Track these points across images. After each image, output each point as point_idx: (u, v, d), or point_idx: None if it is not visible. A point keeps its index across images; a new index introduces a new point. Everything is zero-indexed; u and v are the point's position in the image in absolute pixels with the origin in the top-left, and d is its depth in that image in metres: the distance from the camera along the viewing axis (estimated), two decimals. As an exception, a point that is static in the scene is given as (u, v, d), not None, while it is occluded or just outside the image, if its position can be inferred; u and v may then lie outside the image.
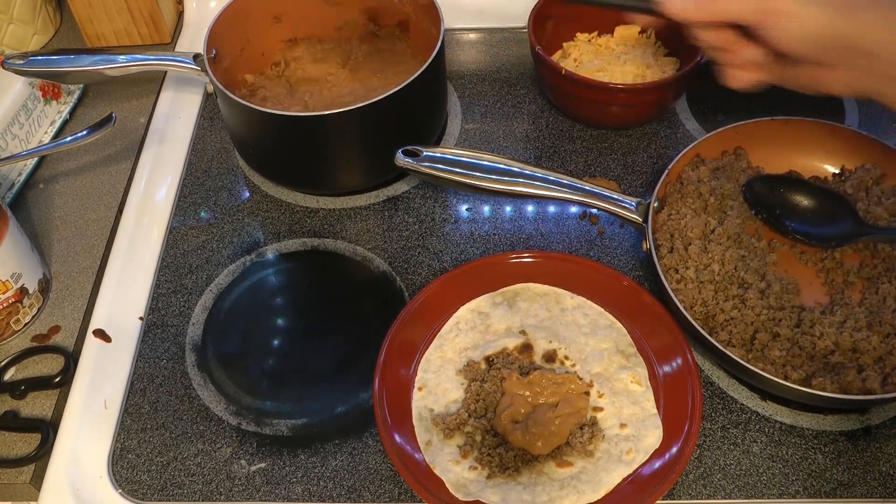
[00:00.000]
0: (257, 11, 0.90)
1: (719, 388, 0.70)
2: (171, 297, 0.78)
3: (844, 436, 0.67)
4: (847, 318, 0.69)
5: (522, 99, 0.95)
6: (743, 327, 0.68)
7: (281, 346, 0.75)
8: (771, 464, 0.65)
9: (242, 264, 0.80)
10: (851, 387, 0.64)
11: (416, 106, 0.82)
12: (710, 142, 0.80)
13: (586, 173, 0.87)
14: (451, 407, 0.67)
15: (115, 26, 1.00)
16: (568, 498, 0.61)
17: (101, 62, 0.88)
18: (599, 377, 0.68)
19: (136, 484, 0.66)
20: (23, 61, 0.87)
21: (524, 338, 0.71)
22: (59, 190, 0.88)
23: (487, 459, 0.63)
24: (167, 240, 0.83)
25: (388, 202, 0.86)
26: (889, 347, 0.66)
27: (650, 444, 0.64)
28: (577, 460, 0.63)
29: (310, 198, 0.86)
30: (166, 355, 0.74)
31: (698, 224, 0.74)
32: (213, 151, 0.92)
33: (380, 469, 0.66)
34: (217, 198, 0.87)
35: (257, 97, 0.89)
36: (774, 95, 0.94)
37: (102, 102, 0.97)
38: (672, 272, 0.72)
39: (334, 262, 0.81)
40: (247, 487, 0.66)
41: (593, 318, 0.72)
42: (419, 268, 0.79)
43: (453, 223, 0.83)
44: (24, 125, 0.89)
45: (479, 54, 1.00)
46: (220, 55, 0.85)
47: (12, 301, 0.73)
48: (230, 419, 0.70)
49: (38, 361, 0.74)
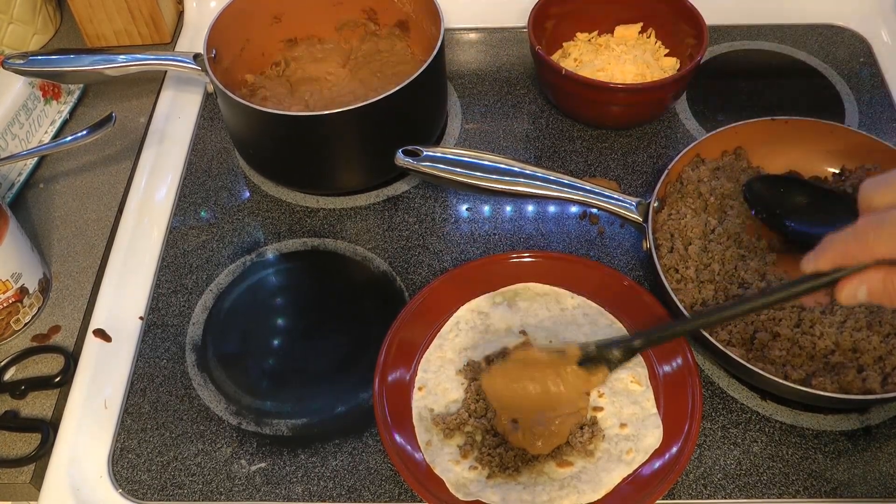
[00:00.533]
0: (257, 11, 0.90)
1: (719, 388, 0.70)
2: (171, 296, 0.78)
3: (844, 435, 0.67)
4: (847, 318, 0.69)
5: (522, 99, 0.95)
6: (743, 327, 0.68)
7: (281, 345, 0.75)
8: (771, 463, 0.65)
9: (243, 264, 0.80)
10: (851, 386, 0.64)
11: (415, 106, 0.82)
12: (711, 142, 0.80)
13: (586, 173, 0.87)
14: (451, 407, 0.67)
15: (115, 26, 1.00)
16: (568, 498, 0.61)
17: (101, 62, 0.88)
18: (599, 377, 0.68)
19: (137, 484, 0.66)
20: (23, 61, 0.87)
21: (524, 337, 0.71)
22: (59, 190, 0.88)
23: (487, 459, 0.63)
24: (167, 239, 0.83)
25: (389, 202, 0.86)
26: (889, 347, 0.66)
27: (650, 443, 0.64)
28: (577, 460, 0.63)
29: (310, 197, 0.86)
30: (166, 355, 0.74)
31: (698, 224, 0.74)
32: (213, 151, 0.92)
33: (380, 469, 0.66)
34: (217, 198, 0.87)
35: (257, 97, 0.89)
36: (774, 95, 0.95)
37: (102, 102, 0.97)
38: (672, 272, 0.72)
39: (334, 262, 0.81)
40: (247, 487, 0.66)
41: (593, 317, 0.72)
42: (419, 267, 0.79)
43: (453, 223, 0.83)
44: (24, 125, 0.89)
45: (478, 54, 1.00)
46: (220, 55, 0.85)
47: (12, 301, 0.73)
48: (230, 419, 0.70)
49: (38, 361, 0.74)
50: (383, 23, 0.95)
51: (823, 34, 1.01)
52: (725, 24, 1.01)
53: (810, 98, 0.94)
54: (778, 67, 0.97)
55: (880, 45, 0.99)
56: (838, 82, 0.95)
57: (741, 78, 0.97)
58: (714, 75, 0.96)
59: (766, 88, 0.95)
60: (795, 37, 1.00)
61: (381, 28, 0.95)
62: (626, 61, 0.90)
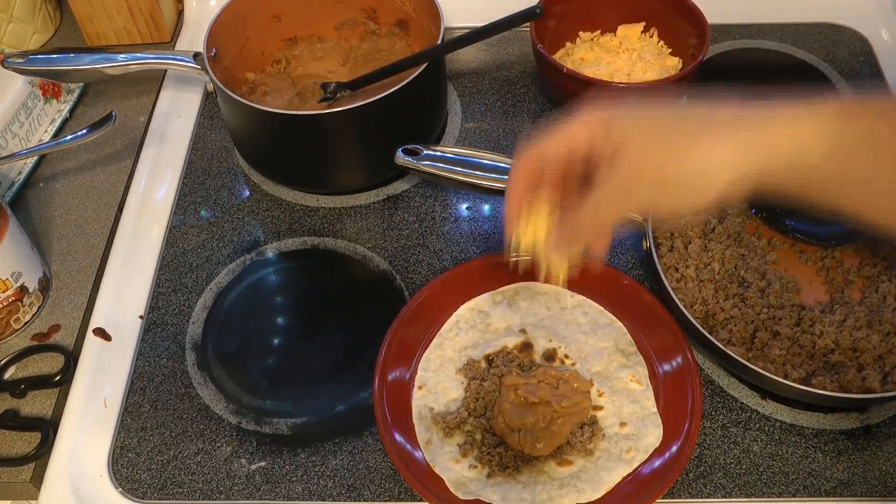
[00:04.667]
0: (257, 10, 0.90)
1: (719, 387, 0.70)
2: (171, 295, 0.78)
3: (844, 434, 0.67)
4: (847, 317, 0.69)
5: (522, 97, 0.95)
6: (743, 326, 0.68)
7: (281, 344, 0.75)
8: (771, 462, 0.65)
9: (242, 263, 0.80)
10: (851, 385, 0.64)
11: (415, 104, 0.82)
12: (711, 140, 0.79)
13: (586, 172, 0.87)
14: (450, 406, 0.67)
15: (114, 25, 1.00)
16: (568, 497, 0.61)
17: (101, 61, 0.88)
18: (599, 376, 0.68)
19: (136, 482, 0.66)
20: (23, 60, 0.87)
21: (524, 336, 0.71)
22: (59, 189, 0.88)
23: (487, 458, 0.63)
24: (167, 238, 0.83)
25: (388, 201, 0.86)
26: (889, 346, 0.66)
27: (650, 442, 0.64)
28: (577, 459, 0.63)
29: (310, 196, 0.86)
30: (166, 354, 0.74)
31: (698, 223, 0.74)
32: (213, 150, 0.92)
33: (380, 468, 0.66)
34: (217, 196, 0.87)
35: (258, 93, 0.89)
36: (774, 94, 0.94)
37: (102, 101, 0.97)
38: (672, 271, 0.72)
39: (334, 261, 0.81)
40: (247, 486, 0.66)
41: (593, 316, 0.72)
42: (419, 266, 0.79)
43: (453, 222, 0.83)
44: (24, 124, 0.89)
45: (478, 52, 1.00)
46: (220, 54, 0.85)
47: (12, 300, 0.73)
48: (230, 418, 0.70)
49: (38, 360, 0.74)
50: (383, 21, 0.95)
51: (823, 33, 1.01)
52: (725, 23, 1.01)
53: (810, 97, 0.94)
54: (778, 66, 0.97)
55: (880, 44, 0.99)
56: (838, 81, 0.95)
57: (742, 77, 0.96)
58: (714, 74, 0.95)
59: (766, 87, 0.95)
60: (795, 36, 1.00)
61: (381, 27, 0.95)
62: (629, 61, 0.90)
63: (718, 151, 0.47)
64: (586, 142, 0.51)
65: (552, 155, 0.53)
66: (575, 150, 0.52)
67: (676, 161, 0.48)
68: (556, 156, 0.53)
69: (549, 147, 0.53)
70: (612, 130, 0.50)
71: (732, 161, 0.47)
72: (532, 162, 0.54)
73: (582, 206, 0.52)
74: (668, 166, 0.48)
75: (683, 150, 0.48)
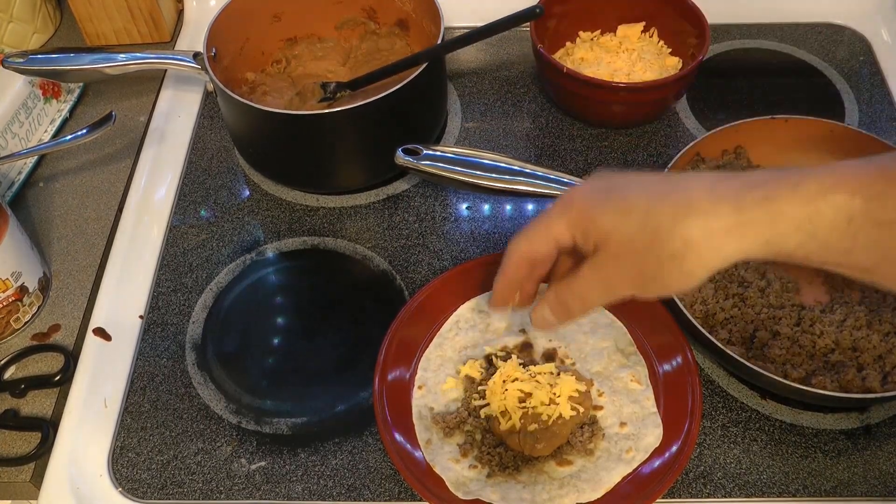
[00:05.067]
0: (257, 10, 0.90)
1: (719, 387, 0.70)
2: (171, 295, 0.78)
3: (844, 434, 0.67)
4: (847, 317, 0.69)
5: (522, 97, 0.95)
6: (743, 326, 0.68)
7: (281, 344, 0.75)
8: (771, 462, 0.65)
9: (242, 263, 0.80)
10: (851, 385, 0.64)
11: (415, 104, 0.82)
12: (711, 140, 0.79)
13: (587, 172, 0.87)
14: (450, 405, 0.67)
15: (114, 25, 1.00)
16: (568, 496, 0.61)
17: (101, 61, 0.88)
18: (599, 376, 0.68)
19: (136, 482, 0.66)
20: (22, 60, 0.87)
21: (524, 336, 0.71)
22: (59, 188, 0.88)
23: (487, 458, 0.63)
24: (167, 238, 0.83)
25: (388, 201, 0.86)
26: (889, 346, 0.66)
27: (650, 442, 0.64)
28: (577, 459, 0.63)
29: (310, 196, 0.86)
30: (166, 354, 0.74)
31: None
32: (213, 150, 0.92)
33: (380, 468, 0.66)
34: (217, 196, 0.87)
35: (258, 92, 0.89)
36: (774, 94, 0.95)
37: (102, 101, 0.97)
38: (672, 271, 0.72)
39: (334, 261, 0.81)
40: (247, 486, 0.66)
41: (593, 316, 0.72)
42: (419, 266, 0.79)
43: (453, 222, 0.83)
44: (23, 124, 0.89)
45: (478, 52, 1.00)
46: (220, 54, 0.85)
47: (12, 299, 0.73)
48: (230, 418, 0.70)
49: (38, 360, 0.74)
50: (383, 21, 0.95)
51: (823, 33, 1.01)
52: (725, 23, 1.01)
53: (810, 97, 0.94)
54: (778, 66, 0.97)
55: (880, 44, 0.99)
56: (838, 81, 0.95)
57: (741, 77, 0.97)
58: (714, 74, 0.95)
59: (767, 87, 0.95)
60: (795, 36, 1.00)
61: (381, 27, 0.95)
62: (629, 60, 0.90)
63: (697, 236, 0.45)
64: (570, 238, 0.52)
65: (543, 252, 0.54)
66: (562, 245, 0.53)
67: (654, 257, 0.47)
68: (546, 253, 0.54)
69: (537, 243, 0.54)
70: (589, 229, 0.50)
71: (718, 247, 0.46)
72: (524, 255, 0.55)
73: (569, 290, 0.53)
74: (646, 264, 0.47)
75: (662, 241, 0.46)
